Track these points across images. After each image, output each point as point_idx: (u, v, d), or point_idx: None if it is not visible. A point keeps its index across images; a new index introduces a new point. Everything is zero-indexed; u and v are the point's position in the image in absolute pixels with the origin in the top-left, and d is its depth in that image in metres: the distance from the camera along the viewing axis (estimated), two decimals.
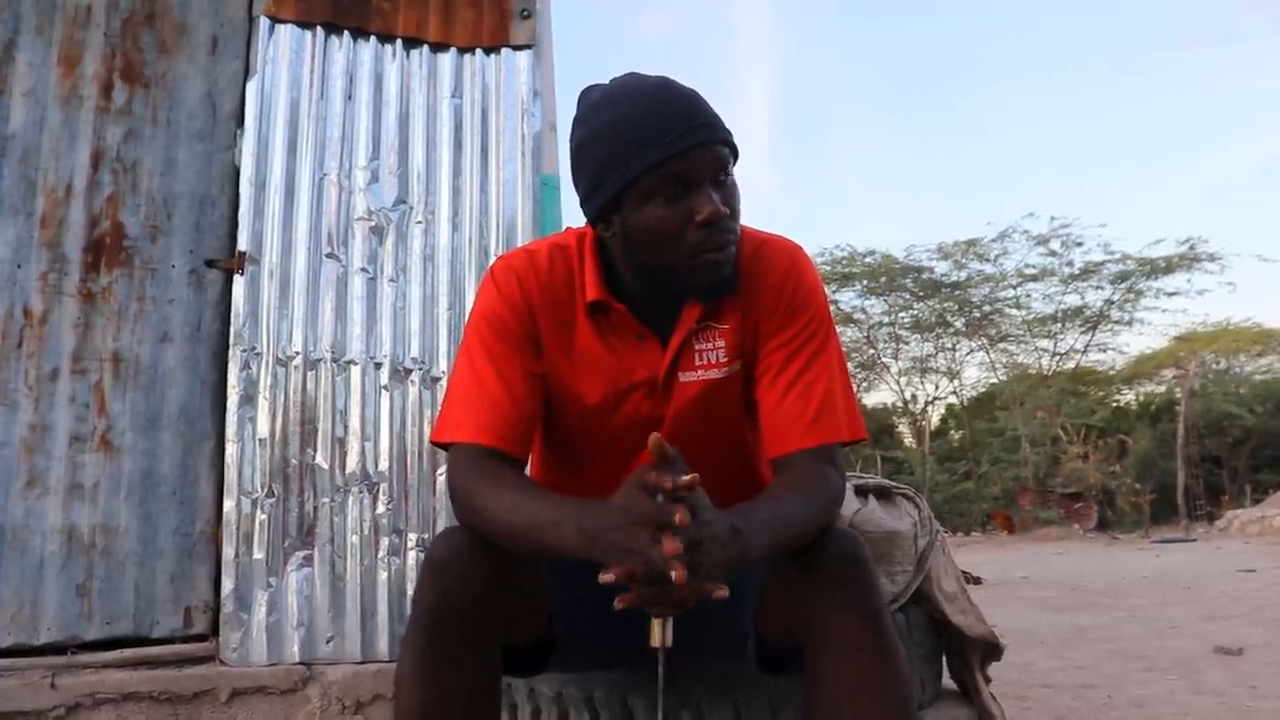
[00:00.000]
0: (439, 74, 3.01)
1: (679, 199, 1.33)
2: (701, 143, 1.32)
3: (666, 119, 1.32)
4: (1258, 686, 3.37)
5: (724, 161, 1.35)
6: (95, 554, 2.48)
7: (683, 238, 1.34)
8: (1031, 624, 5.43)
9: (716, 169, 1.34)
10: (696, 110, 1.35)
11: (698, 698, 1.72)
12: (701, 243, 1.33)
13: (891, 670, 1.27)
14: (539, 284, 1.46)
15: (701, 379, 1.46)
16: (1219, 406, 23.09)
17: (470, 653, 1.30)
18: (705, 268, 1.35)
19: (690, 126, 1.33)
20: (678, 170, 1.32)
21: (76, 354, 2.55)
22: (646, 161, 1.32)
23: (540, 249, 1.51)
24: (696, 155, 1.32)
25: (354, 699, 2.51)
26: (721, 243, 1.34)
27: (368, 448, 2.73)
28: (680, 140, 1.31)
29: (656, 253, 1.37)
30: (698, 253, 1.34)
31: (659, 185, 1.32)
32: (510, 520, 1.26)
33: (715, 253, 1.34)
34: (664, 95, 1.36)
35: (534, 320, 1.45)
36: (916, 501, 2.41)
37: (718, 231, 1.33)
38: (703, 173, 1.33)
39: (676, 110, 1.34)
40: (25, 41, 2.63)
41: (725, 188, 1.36)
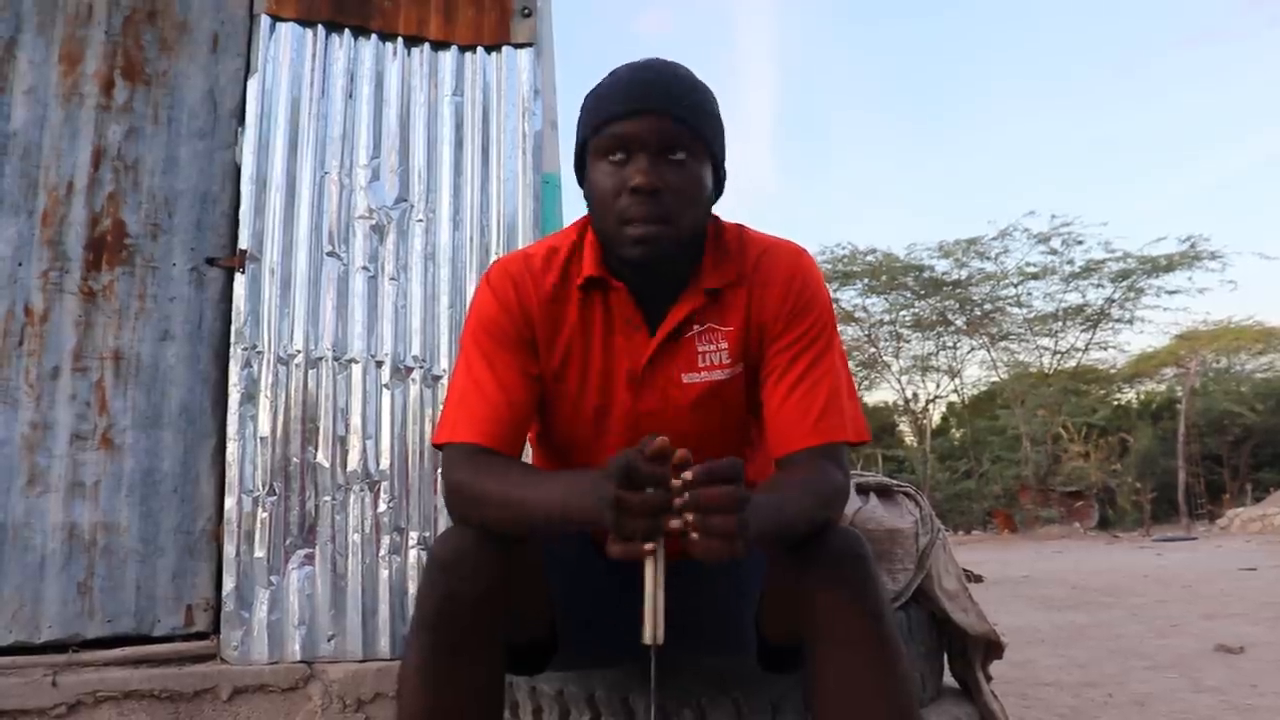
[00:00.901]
0: (440, 72, 3.01)
1: (622, 164, 1.35)
2: (648, 110, 1.34)
3: (626, 84, 1.37)
4: (1258, 685, 3.37)
5: (673, 136, 1.35)
6: (96, 552, 2.49)
7: (615, 203, 1.35)
8: (1032, 622, 5.44)
9: (661, 141, 1.34)
10: (659, 81, 1.37)
11: (699, 696, 1.72)
12: (626, 210, 1.34)
13: (893, 668, 1.27)
14: (535, 284, 1.47)
15: (704, 380, 1.46)
16: (1220, 405, 23.10)
17: (474, 652, 1.30)
18: (626, 241, 1.35)
19: (643, 93, 1.35)
20: (620, 132, 1.34)
21: (78, 352, 2.56)
22: (597, 119, 1.36)
23: (536, 251, 1.52)
24: (639, 121, 1.34)
25: (355, 697, 2.51)
26: (642, 215, 1.33)
27: (369, 446, 2.73)
28: (627, 103, 1.34)
29: (599, 217, 1.40)
30: (625, 223, 1.35)
31: (606, 146, 1.36)
32: (507, 500, 1.27)
33: (635, 226, 1.33)
34: (639, 65, 1.40)
35: (530, 323, 1.46)
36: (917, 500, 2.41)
37: (640, 203, 1.33)
38: (643, 141, 1.34)
39: (639, 78, 1.37)
40: (26, 39, 2.63)
41: (675, 167, 1.35)
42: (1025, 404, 23.68)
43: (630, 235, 1.34)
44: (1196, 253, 22.54)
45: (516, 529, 1.29)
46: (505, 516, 1.28)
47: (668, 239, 1.35)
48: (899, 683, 1.28)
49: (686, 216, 1.37)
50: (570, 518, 1.19)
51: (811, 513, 1.29)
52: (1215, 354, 25.11)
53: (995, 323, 25.01)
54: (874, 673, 1.26)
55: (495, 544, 1.30)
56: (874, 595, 1.29)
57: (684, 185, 1.36)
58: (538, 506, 1.23)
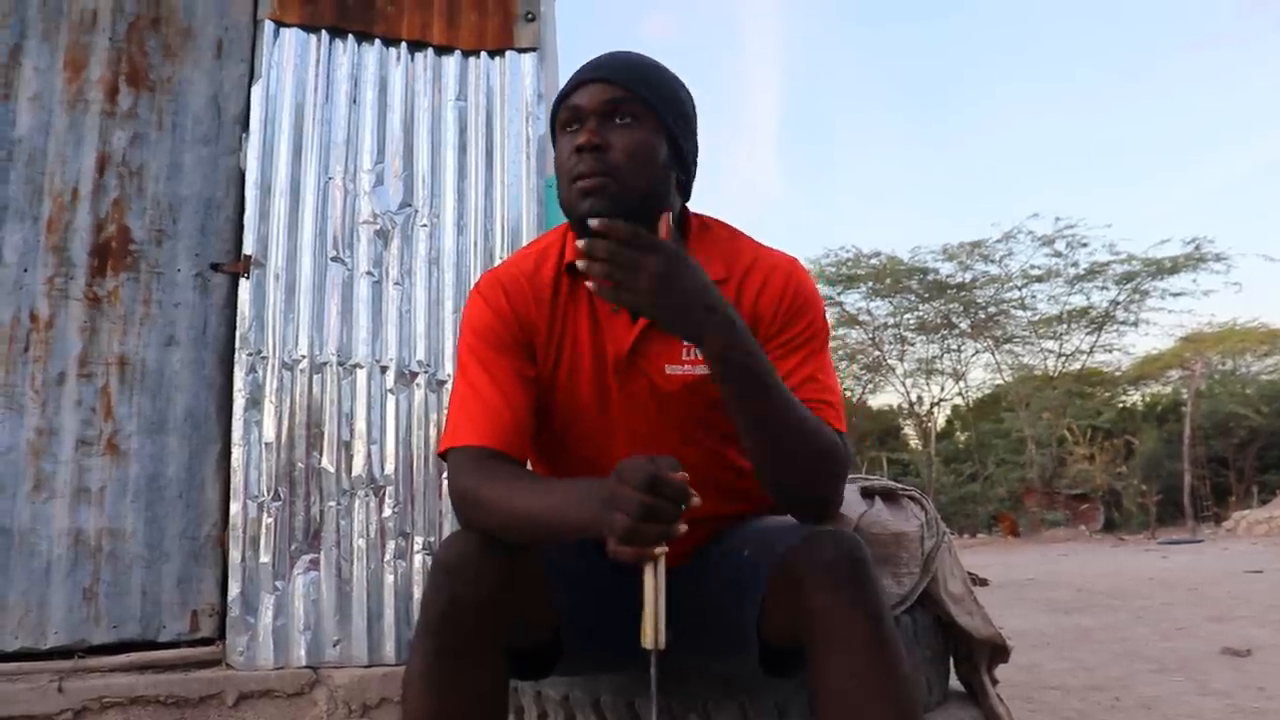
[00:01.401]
0: (443, 77, 3.02)
1: (574, 134, 1.43)
2: (593, 79, 1.42)
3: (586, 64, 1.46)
4: (1266, 688, 3.36)
5: (617, 102, 1.41)
6: (102, 558, 2.49)
7: (566, 166, 1.42)
8: (1038, 625, 5.42)
9: (606, 107, 1.41)
10: (607, 58, 1.46)
11: (705, 699, 1.72)
12: (574, 169, 1.40)
13: (895, 672, 1.27)
14: (529, 286, 1.49)
15: (688, 374, 1.47)
16: (1225, 407, 23.01)
17: (479, 656, 1.30)
18: (576, 197, 1.40)
19: (593, 67, 1.44)
20: (572, 103, 1.43)
21: (83, 358, 2.56)
22: (560, 94, 1.46)
23: (526, 253, 1.56)
24: (587, 90, 1.43)
25: (361, 702, 2.51)
26: (588, 170, 1.39)
27: (374, 451, 2.73)
28: (576, 78, 1.44)
29: (560, 187, 1.45)
30: (572, 180, 1.41)
31: (562, 120, 1.45)
32: (513, 508, 1.28)
33: (581, 180, 1.39)
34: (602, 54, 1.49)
35: (522, 325, 1.48)
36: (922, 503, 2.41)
37: (584, 160, 1.39)
38: (588, 106, 1.41)
39: (599, 57, 1.47)
40: (31, 46, 2.64)
41: (620, 129, 1.41)
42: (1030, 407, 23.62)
43: (578, 189, 1.40)
44: (1201, 255, 22.48)
45: (521, 536, 1.29)
46: (510, 523, 1.28)
47: (613, 192, 1.39)
48: (900, 686, 1.27)
49: (634, 175, 1.41)
50: (572, 525, 1.20)
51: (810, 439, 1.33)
52: (1220, 356, 25.03)
53: (1000, 325, 24.95)
54: (875, 676, 1.26)
55: (499, 549, 1.30)
56: (874, 598, 1.29)
57: (629, 145, 1.41)
58: (541, 513, 1.24)
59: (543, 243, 1.56)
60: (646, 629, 1.10)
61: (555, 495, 1.26)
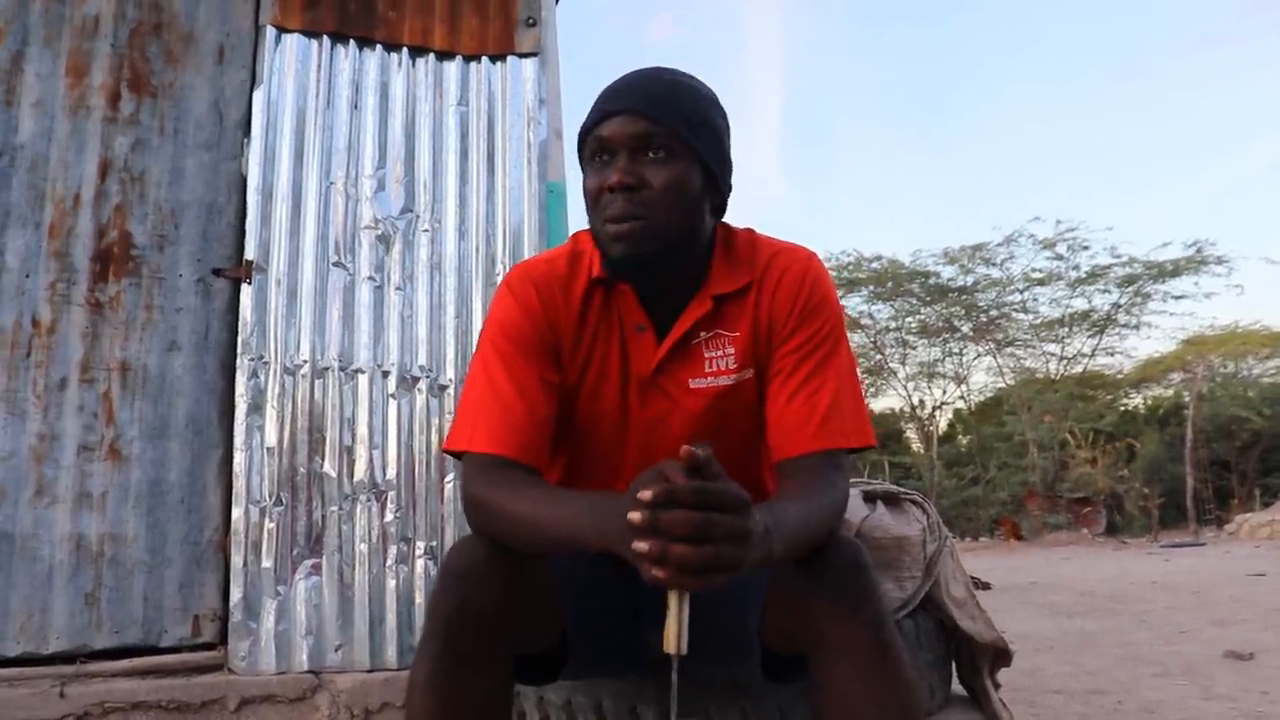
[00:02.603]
0: (445, 82, 3.02)
1: (602, 167, 1.38)
2: (623, 110, 1.36)
3: (614, 88, 1.39)
4: (1269, 691, 3.35)
5: (649, 137, 1.35)
6: (104, 563, 2.49)
7: (597, 204, 1.38)
8: (1040, 629, 5.41)
9: (636, 142, 1.35)
10: (637, 84, 1.39)
11: (707, 705, 1.72)
12: (606, 209, 1.36)
13: (895, 677, 1.27)
14: (560, 288, 1.46)
15: (710, 386, 1.46)
16: (1227, 410, 22.98)
17: (484, 662, 1.30)
18: (608, 239, 1.37)
19: (622, 95, 1.37)
20: (598, 135, 1.37)
21: (85, 363, 2.56)
22: (587, 124, 1.40)
23: (559, 256, 1.51)
24: (615, 122, 1.36)
25: (363, 707, 2.51)
26: (618, 213, 1.34)
27: (375, 456, 2.73)
28: (607, 105, 1.37)
29: (588, 221, 1.42)
30: (604, 220, 1.36)
31: (589, 150, 1.39)
32: (528, 520, 1.25)
33: (613, 224, 1.35)
34: (635, 71, 1.42)
35: (553, 328, 1.45)
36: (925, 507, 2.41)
37: (616, 200, 1.35)
38: (617, 141, 1.36)
39: (629, 81, 1.40)
40: (33, 53, 2.64)
41: (653, 165, 1.35)
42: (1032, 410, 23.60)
43: (610, 233, 1.36)
44: (1203, 258, 22.48)
45: (532, 545, 1.28)
46: (524, 534, 1.26)
47: (646, 236, 1.35)
48: (902, 691, 1.27)
49: (668, 216, 1.36)
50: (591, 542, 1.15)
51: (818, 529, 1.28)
52: (1222, 359, 25.01)
53: (1001, 329, 24.94)
54: (876, 682, 1.26)
55: (508, 555, 1.29)
56: (875, 605, 1.29)
57: (663, 182, 1.35)
58: (559, 528, 1.21)
59: (575, 248, 1.52)
60: (670, 634, 1.09)
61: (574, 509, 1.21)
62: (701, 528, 1.00)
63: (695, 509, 1.00)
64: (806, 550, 1.27)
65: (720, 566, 1.01)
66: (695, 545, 0.99)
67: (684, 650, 1.09)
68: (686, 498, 1.01)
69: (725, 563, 1.01)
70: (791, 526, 1.19)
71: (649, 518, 1.01)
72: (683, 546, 1.00)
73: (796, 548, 1.23)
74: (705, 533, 1.00)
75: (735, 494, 1.03)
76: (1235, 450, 23.63)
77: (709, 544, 1.00)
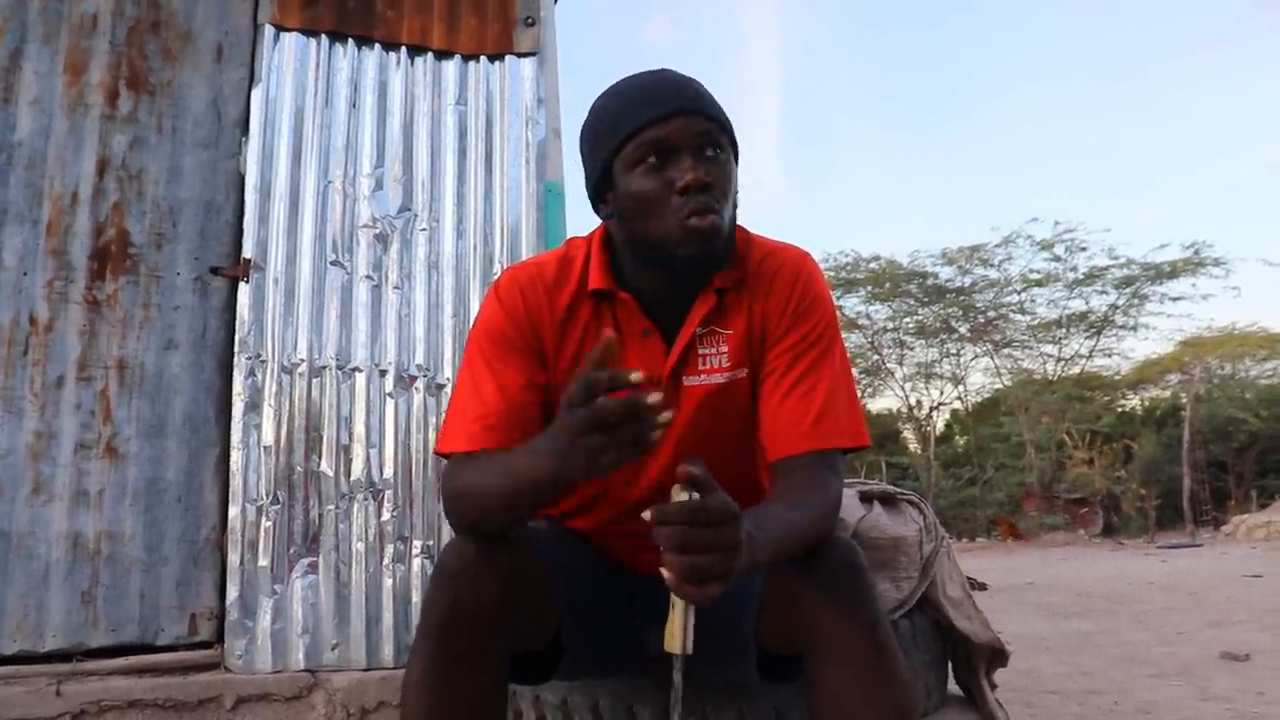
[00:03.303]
0: (443, 81, 3.02)
1: (661, 167, 1.35)
2: (680, 110, 1.35)
3: (651, 90, 1.37)
4: (1265, 692, 3.36)
5: (708, 135, 1.36)
6: (100, 561, 2.49)
7: (666, 205, 1.34)
8: (1037, 630, 5.42)
9: (699, 140, 1.35)
10: (683, 85, 1.39)
11: (704, 704, 1.72)
12: (682, 209, 1.33)
13: (890, 678, 1.28)
14: (546, 294, 1.46)
15: (704, 383, 1.46)
16: (1224, 411, 23.04)
17: (479, 661, 1.30)
18: (690, 236, 1.34)
19: (670, 96, 1.36)
20: (657, 136, 1.34)
21: (82, 361, 2.56)
22: (629, 127, 1.35)
23: (547, 260, 1.51)
24: (675, 122, 1.34)
25: (359, 706, 2.51)
26: (702, 207, 1.33)
27: (372, 455, 2.73)
28: (660, 107, 1.35)
29: (645, 223, 1.37)
30: (681, 220, 1.33)
31: (641, 152, 1.35)
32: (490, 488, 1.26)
33: (698, 218, 1.33)
34: (652, 75, 1.41)
35: (537, 331, 1.45)
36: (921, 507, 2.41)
37: (697, 198, 1.33)
38: (682, 140, 1.34)
39: (662, 83, 1.39)
40: (31, 50, 2.64)
41: (714, 163, 1.36)
42: (1029, 411, 23.64)
43: (691, 228, 1.33)
44: (1200, 259, 22.52)
45: (502, 515, 1.28)
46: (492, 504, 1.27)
47: (716, 233, 1.35)
48: (897, 692, 1.28)
49: (728, 212, 1.38)
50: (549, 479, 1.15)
51: (811, 531, 1.29)
52: (1219, 360, 25.05)
53: (999, 330, 24.97)
54: (871, 682, 1.26)
55: (502, 554, 1.30)
56: (870, 605, 1.29)
57: (723, 181, 1.37)
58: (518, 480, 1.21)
59: (567, 253, 1.52)
60: (674, 634, 1.10)
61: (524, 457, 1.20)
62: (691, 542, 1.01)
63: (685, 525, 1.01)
64: (799, 551, 1.28)
65: (710, 577, 1.02)
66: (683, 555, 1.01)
67: (689, 650, 1.10)
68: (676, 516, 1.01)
69: (715, 573, 1.02)
70: (778, 530, 1.20)
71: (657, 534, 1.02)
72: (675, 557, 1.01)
73: (785, 550, 1.24)
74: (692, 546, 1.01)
75: (723, 507, 1.04)
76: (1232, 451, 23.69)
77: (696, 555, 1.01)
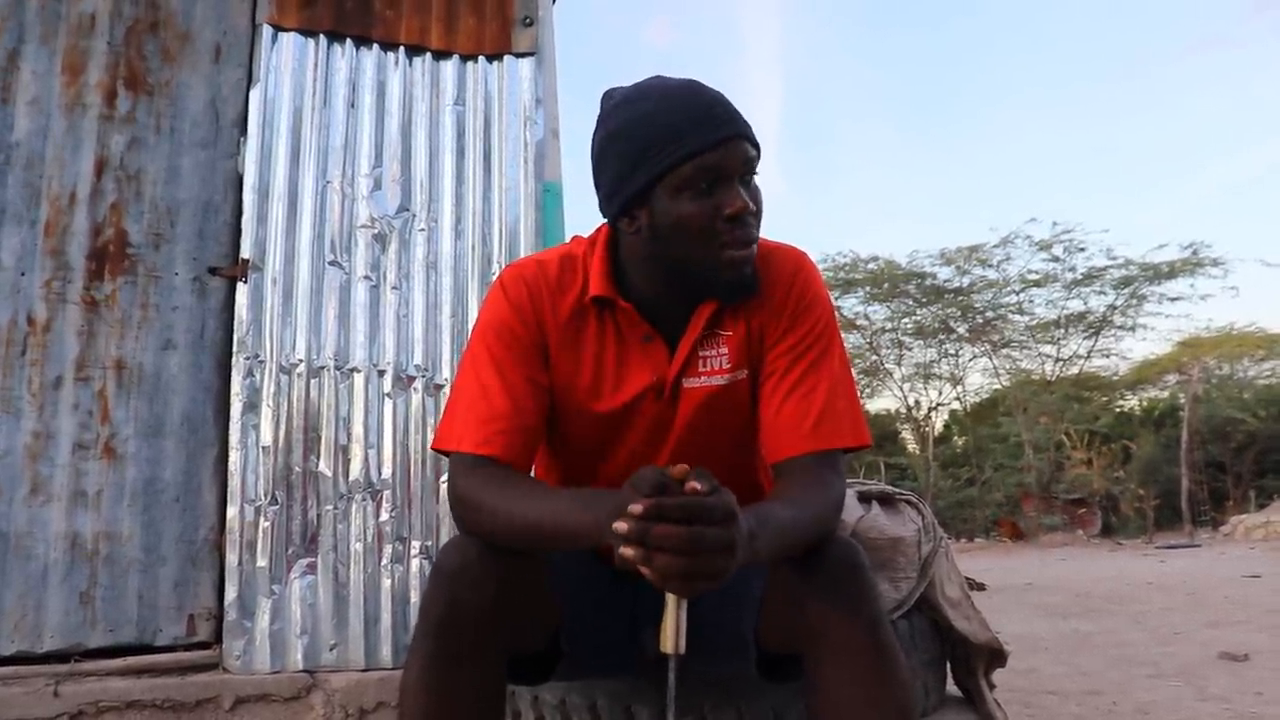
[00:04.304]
0: (442, 82, 3.02)
1: (709, 193, 1.34)
2: (734, 136, 1.34)
3: (700, 112, 1.34)
4: (1264, 693, 3.36)
5: (752, 161, 1.37)
6: (98, 561, 2.48)
7: (711, 231, 1.34)
8: (1036, 630, 5.42)
9: (745, 167, 1.36)
10: (727, 107, 1.37)
11: (701, 704, 1.72)
12: (726, 237, 1.34)
13: (891, 678, 1.28)
14: (549, 293, 1.46)
15: (704, 385, 1.46)
16: (1223, 411, 23.03)
17: (477, 662, 1.30)
18: (729, 264, 1.35)
19: (723, 120, 1.35)
20: (710, 162, 1.33)
21: (80, 361, 2.56)
22: (681, 152, 1.32)
23: (550, 258, 1.51)
24: (728, 149, 1.34)
25: (357, 707, 2.51)
26: (745, 238, 1.35)
27: (371, 455, 2.73)
28: (715, 132, 1.33)
29: (684, 247, 1.36)
30: (723, 248, 1.35)
31: (692, 177, 1.33)
32: (522, 517, 1.26)
33: (739, 249, 1.35)
34: (693, 91, 1.38)
35: (542, 330, 1.45)
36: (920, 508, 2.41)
37: (742, 227, 1.34)
38: (733, 168, 1.34)
39: (708, 105, 1.36)
40: (29, 50, 2.64)
41: (751, 188, 1.37)
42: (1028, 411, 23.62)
43: (730, 259, 1.35)
44: (1199, 260, 22.52)
45: (521, 542, 1.28)
46: (517, 532, 1.27)
47: (754, 259, 1.39)
48: (898, 692, 1.28)
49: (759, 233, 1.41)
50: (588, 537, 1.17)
51: (813, 530, 1.29)
52: (1218, 360, 25.05)
53: (997, 330, 24.97)
54: (872, 682, 1.26)
55: (500, 554, 1.30)
56: (871, 605, 1.29)
57: (759, 205, 1.39)
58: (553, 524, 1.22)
59: (567, 253, 1.52)
60: (667, 634, 1.10)
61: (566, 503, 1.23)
62: (688, 541, 1.02)
63: (682, 523, 1.03)
64: (800, 549, 1.28)
65: (706, 575, 1.04)
66: (682, 556, 1.03)
67: (682, 650, 1.10)
68: (674, 513, 1.03)
69: (710, 572, 1.04)
70: (778, 528, 1.21)
71: (636, 528, 1.03)
72: (668, 556, 1.03)
73: (785, 548, 1.24)
74: (691, 546, 1.03)
75: (722, 505, 1.05)
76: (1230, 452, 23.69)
77: (695, 556, 1.03)
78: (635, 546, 1.04)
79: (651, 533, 1.03)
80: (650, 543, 1.03)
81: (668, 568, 1.03)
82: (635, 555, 1.04)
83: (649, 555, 1.03)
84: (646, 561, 1.03)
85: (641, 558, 1.03)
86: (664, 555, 1.03)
